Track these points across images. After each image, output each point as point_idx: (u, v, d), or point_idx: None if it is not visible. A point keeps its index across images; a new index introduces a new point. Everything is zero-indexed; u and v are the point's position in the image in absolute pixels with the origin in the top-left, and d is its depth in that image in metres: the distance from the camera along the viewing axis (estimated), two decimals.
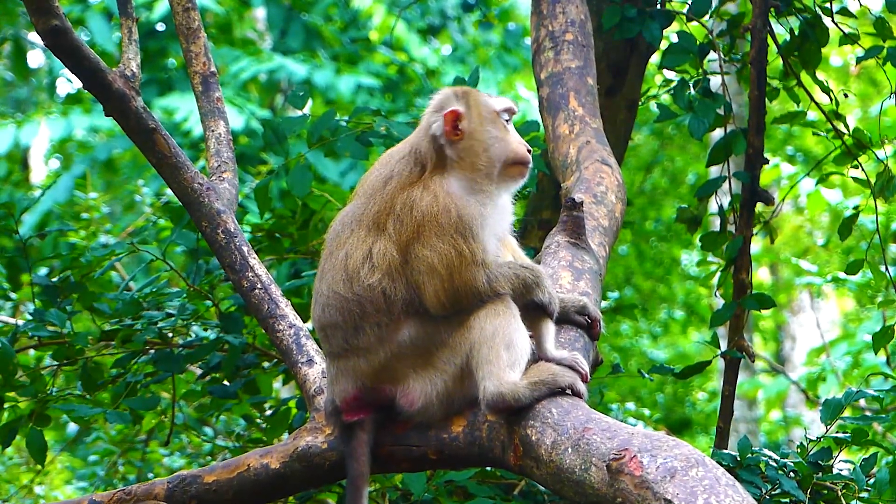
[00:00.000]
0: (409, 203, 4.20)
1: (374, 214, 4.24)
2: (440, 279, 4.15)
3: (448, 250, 4.14)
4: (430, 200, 4.19)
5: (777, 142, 15.25)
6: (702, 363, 6.29)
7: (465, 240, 4.15)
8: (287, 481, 4.50)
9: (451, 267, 4.14)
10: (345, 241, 4.27)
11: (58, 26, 4.67)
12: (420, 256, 4.16)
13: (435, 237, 4.15)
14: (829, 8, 6.63)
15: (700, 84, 6.57)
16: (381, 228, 4.22)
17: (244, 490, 4.51)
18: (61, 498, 10.06)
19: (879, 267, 7.11)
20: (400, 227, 4.19)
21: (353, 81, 14.30)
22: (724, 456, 5.18)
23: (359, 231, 4.25)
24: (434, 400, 4.23)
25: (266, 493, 4.52)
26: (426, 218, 4.17)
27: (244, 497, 4.51)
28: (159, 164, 5.01)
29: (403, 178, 4.26)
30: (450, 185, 4.23)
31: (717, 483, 3.51)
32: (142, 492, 4.60)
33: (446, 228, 4.16)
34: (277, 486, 4.50)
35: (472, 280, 4.15)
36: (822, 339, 13.57)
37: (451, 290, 4.15)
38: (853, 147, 6.70)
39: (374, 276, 4.19)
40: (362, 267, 4.21)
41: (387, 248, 4.19)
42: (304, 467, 4.47)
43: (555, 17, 6.13)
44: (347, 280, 4.22)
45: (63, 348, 6.18)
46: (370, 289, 4.19)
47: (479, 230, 4.20)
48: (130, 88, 4.92)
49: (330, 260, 4.28)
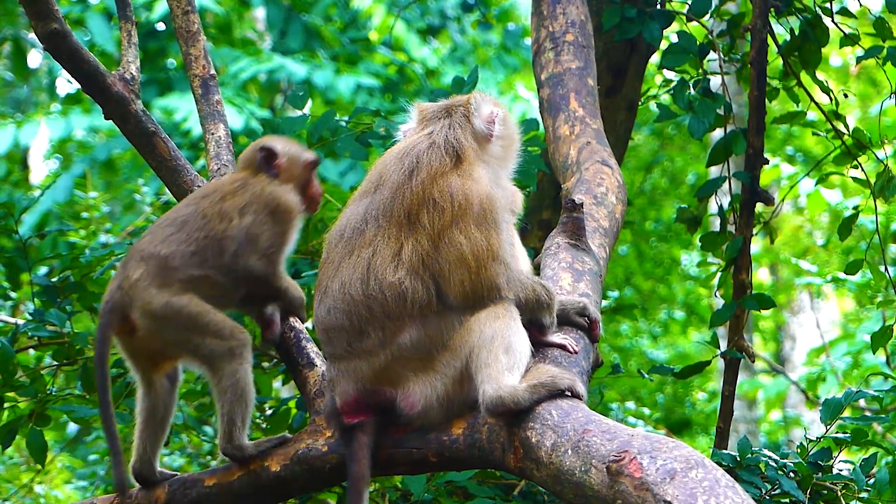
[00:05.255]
0: (448, 189, 4.22)
1: (406, 208, 4.24)
2: (468, 270, 4.17)
3: (482, 240, 4.18)
4: (472, 186, 4.24)
5: (777, 142, 15.26)
6: (701, 363, 6.30)
7: (496, 233, 4.22)
8: (287, 484, 4.50)
9: (480, 259, 4.17)
10: (371, 238, 4.25)
11: (57, 30, 4.68)
12: (453, 243, 4.18)
13: (473, 224, 4.20)
14: (829, 8, 6.64)
15: (700, 84, 6.58)
16: (413, 223, 4.22)
17: (244, 493, 4.51)
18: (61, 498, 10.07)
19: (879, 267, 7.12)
20: (436, 214, 4.21)
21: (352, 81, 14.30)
22: (723, 456, 5.18)
23: (388, 228, 4.24)
24: (434, 403, 4.24)
25: (266, 496, 4.52)
26: (469, 202, 4.21)
27: (244, 500, 4.51)
28: (159, 168, 5.01)
29: (434, 167, 4.27)
30: (487, 176, 4.32)
31: (716, 484, 3.51)
32: (142, 495, 4.61)
33: (487, 216, 4.21)
34: (278, 488, 4.50)
35: (495, 276, 4.19)
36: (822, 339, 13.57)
37: (477, 282, 4.17)
38: (853, 147, 6.71)
39: (397, 275, 4.20)
40: (388, 265, 4.21)
41: (418, 243, 4.21)
42: (304, 470, 4.47)
43: (555, 18, 6.13)
44: (364, 280, 4.21)
45: (63, 348, 6.18)
46: (389, 287, 4.19)
47: (503, 226, 4.27)
48: (130, 92, 4.92)
49: (349, 258, 4.26)
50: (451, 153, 4.31)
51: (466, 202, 4.21)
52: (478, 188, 4.24)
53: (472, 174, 4.28)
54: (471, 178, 4.26)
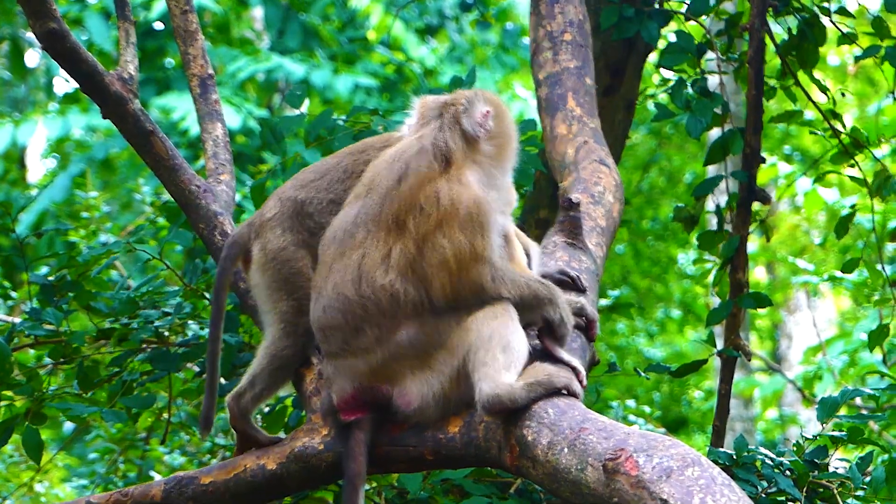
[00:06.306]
0: (435, 195, 4.22)
1: (394, 213, 4.24)
2: (449, 273, 4.17)
3: (465, 243, 4.17)
4: (460, 191, 4.23)
5: (774, 141, 15.25)
6: (698, 362, 6.30)
7: (483, 235, 4.20)
8: (284, 482, 4.50)
9: (461, 261, 4.16)
10: (360, 242, 4.26)
11: (55, 29, 4.67)
12: (436, 247, 4.18)
13: (458, 228, 4.18)
14: (827, 7, 6.64)
15: (698, 83, 6.58)
16: (400, 227, 4.23)
17: (241, 491, 4.51)
18: (61, 496, 10.07)
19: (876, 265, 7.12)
20: (422, 219, 4.20)
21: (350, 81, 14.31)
22: (720, 454, 5.18)
23: (377, 232, 4.25)
24: (430, 401, 4.24)
25: (263, 495, 4.52)
26: (454, 207, 4.20)
27: (241, 498, 4.52)
28: (157, 167, 5.01)
29: (423, 173, 4.27)
30: (477, 179, 4.30)
31: (712, 482, 3.51)
32: (139, 493, 4.61)
33: (473, 220, 4.19)
34: (274, 487, 4.51)
35: (478, 277, 4.18)
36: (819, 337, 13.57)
37: (458, 284, 4.17)
38: (850, 146, 6.71)
39: (388, 277, 4.20)
40: (378, 268, 4.21)
41: (405, 247, 4.21)
42: (300, 468, 4.48)
43: (553, 17, 6.13)
44: (357, 281, 4.22)
45: (60, 347, 6.18)
46: (381, 290, 4.20)
47: (492, 227, 4.24)
48: (128, 91, 4.93)
49: (340, 260, 4.28)
50: (440, 158, 4.31)
51: (453, 207, 4.20)
52: (466, 193, 4.23)
53: (461, 178, 4.27)
54: (459, 183, 4.25)
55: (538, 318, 4.27)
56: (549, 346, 4.28)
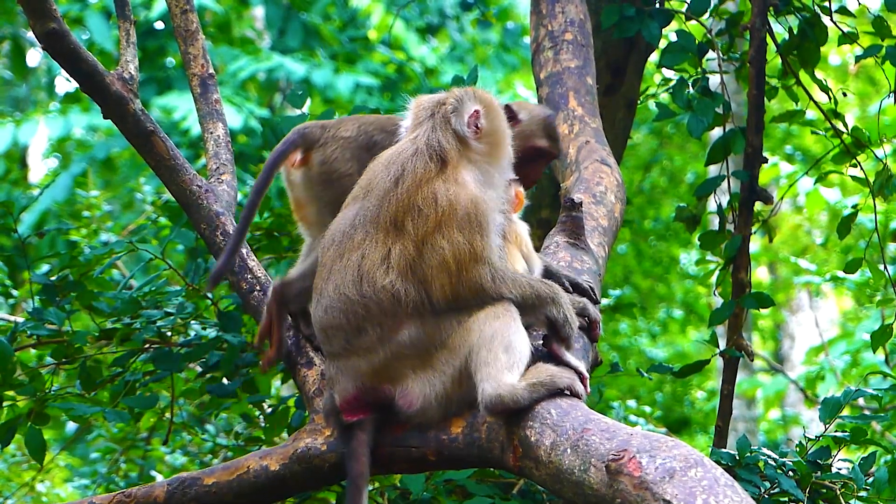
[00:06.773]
0: (432, 196, 4.21)
1: (392, 215, 4.24)
2: (449, 273, 4.16)
3: (464, 244, 4.17)
4: (457, 191, 4.23)
5: (776, 140, 15.25)
6: (700, 362, 6.30)
7: (482, 235, 4.20)
8: (287, 483, 4.50)
9: (460, 262, 4.16)
10: (359, 243, 4.26)
11: (55, 29, 4.67)
12: (436, 248, 4.18)
13: (456, 229, 4.18)
14: (828, 7, 6.63)
15: (699, 83, 6.57)
16: (399, 229, 4.22)
17: (244, 492, 4.51)
18: (62, 496, 10.07)
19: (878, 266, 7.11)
20: (421, 221, 4.20)
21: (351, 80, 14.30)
22: (722, 455, 5.18)
23: (376, 234, 4.25)
24: (433, 401, 4.24)
25: (266, 495, 4.52)
26: (452, 207, 4.20)
27: (244, 499, 4.52)
28: (158, 167, 5.01)
29: (419, 174, 4.26)
30: (473, 179, 4.29)
31: (715, 483, 3.51)
32: (142, 494, 4.61)
33: (471, 220, 4.19)
34: (277, 487, 4.51)
35: (478, 277, 4.17)
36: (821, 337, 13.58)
37: (458, 285, 4.16)
38: (852, 146, 6.71)
39: (388, 278, 4.20)
40: (378, 269, 4.21)
41: (405, 248, 4.20)
42: (303, 469, 4.48)
43: (554, 16, 6.13)
44: (357, 282, 4.22)
45: (62, 347, 6.18)
46: (382, 290, 4.20)
47: (490, 227, 4.23)
48: (128, 91, 4.92)
49: (340, 262, 4.27)
50: (435, 158, 4.30)
51: (450, 207, 4.20)
52: (464, 193, 4.23)
53: (457, 178, 4.27)
54: (455, 183, 4.25)
55: (541, 317, 4.26)
56: (555, 350, 4.27)
